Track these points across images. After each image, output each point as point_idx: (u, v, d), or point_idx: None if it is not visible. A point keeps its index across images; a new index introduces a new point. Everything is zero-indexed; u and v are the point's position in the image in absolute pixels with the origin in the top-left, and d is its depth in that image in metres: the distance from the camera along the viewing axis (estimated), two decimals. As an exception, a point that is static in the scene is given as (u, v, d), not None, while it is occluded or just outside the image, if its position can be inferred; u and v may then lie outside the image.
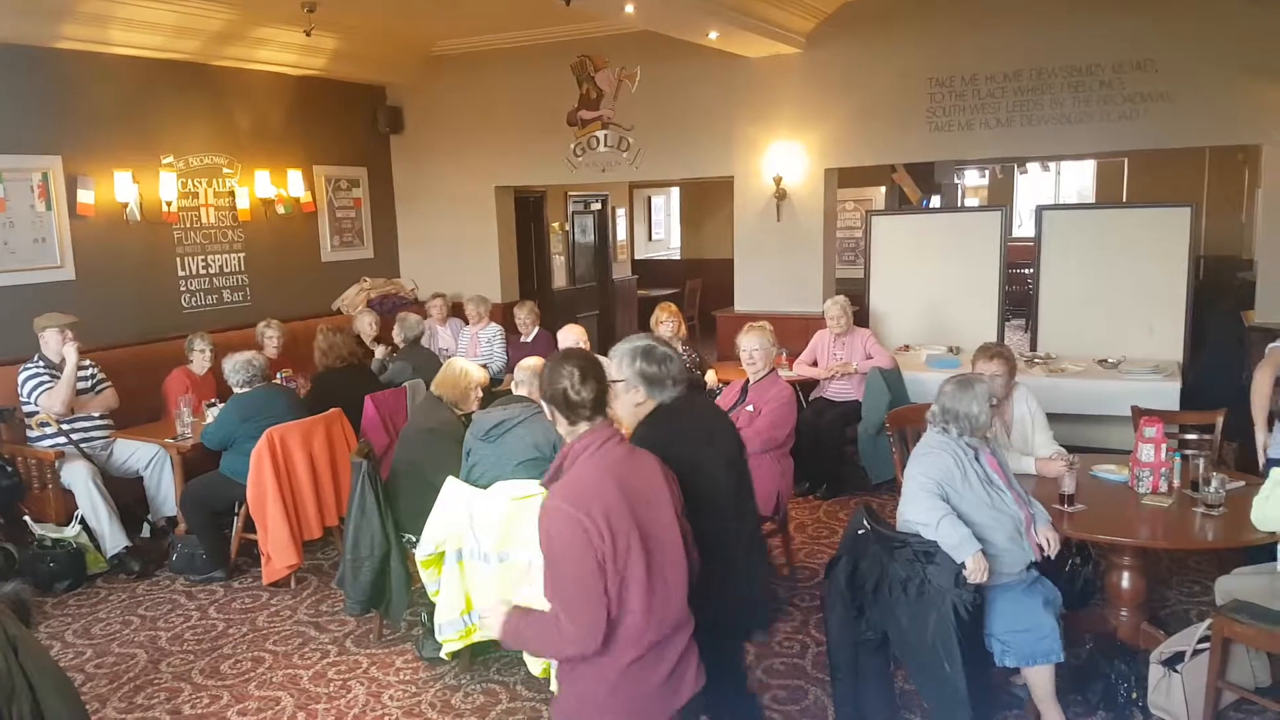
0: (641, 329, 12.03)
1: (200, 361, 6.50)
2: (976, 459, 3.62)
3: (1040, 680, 3.53)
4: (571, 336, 5.98)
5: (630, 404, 2.81)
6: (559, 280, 11.33)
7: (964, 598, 3.31)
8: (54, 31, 6.47)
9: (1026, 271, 11.26)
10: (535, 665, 3.95)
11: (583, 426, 2.47)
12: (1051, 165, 15.92)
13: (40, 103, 6.57)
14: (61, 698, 3.07)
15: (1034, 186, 16.64)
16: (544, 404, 2.54)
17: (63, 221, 6.72)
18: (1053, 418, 4.64)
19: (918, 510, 3.49)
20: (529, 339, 7.67)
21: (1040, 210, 7.64)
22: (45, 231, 6.63)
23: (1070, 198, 16.64)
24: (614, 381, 2.73)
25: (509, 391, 4.73)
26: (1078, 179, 16.76)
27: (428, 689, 4.20)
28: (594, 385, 2.47)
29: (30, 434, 5.78)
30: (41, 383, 5.69)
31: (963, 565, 3.32)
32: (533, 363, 4.57)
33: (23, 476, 5.70)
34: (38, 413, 5.70)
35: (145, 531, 6.08)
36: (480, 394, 5.00)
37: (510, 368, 6.00)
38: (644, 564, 2.35)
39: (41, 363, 5.76)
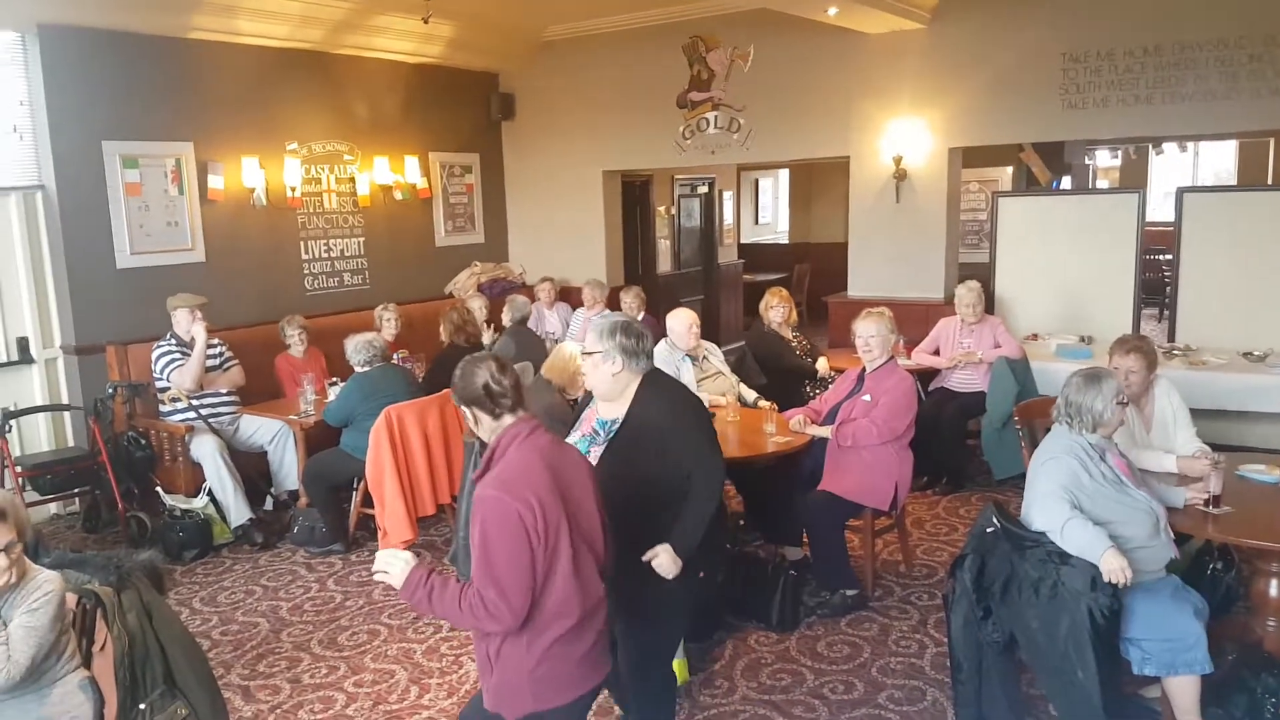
0: (748, 314, 11.97)
1: (296, 345, 6.67)
2: (1103, 458, 3.46)
3: (1183, 691, 3.31)
4: (685, 321, 5.87)
5: (607, 374, 3.03)
6: (664, 265, 11.27)
7: (1100, 602, 3.14)
8: (186, 22, 6.71)
9: (1161, 258, 10.73)
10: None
11: (507, 419, 2.53)
12: (1189, 145, 15.03)
13: (174, 92, 6.81)
14: (191, 663, 3.17)
15: (1169, 168, 15.77)
16: (464, 408, 2.59)
17: (194, 206, 6.97)
18: (1194, 414, 4.36)
19: (1043, 517, 3.35)
20: (634, 324, 7.62)
21: (1181, 192, 7.19)
22: (178, 215, 6.89)
23: (1207, 180, 15.73)
24: (591, 353, 3.02)
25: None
26: (1216, 160, 15.83)
27: (537, 670, 4.21)
28: (511, 375, 2.57)
29: (162, 409, 6.04)
30: (173, 360, 5.93)
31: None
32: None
33: (155, 449, 5.98)
34: (169, 388, 5.94)
35: (268, 504, 6.31)
36: (588, 378, 4.97)
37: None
38: (570, 547, 2.43)
39: (173, 341, 6.01)
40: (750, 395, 5.74)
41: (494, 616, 2.35)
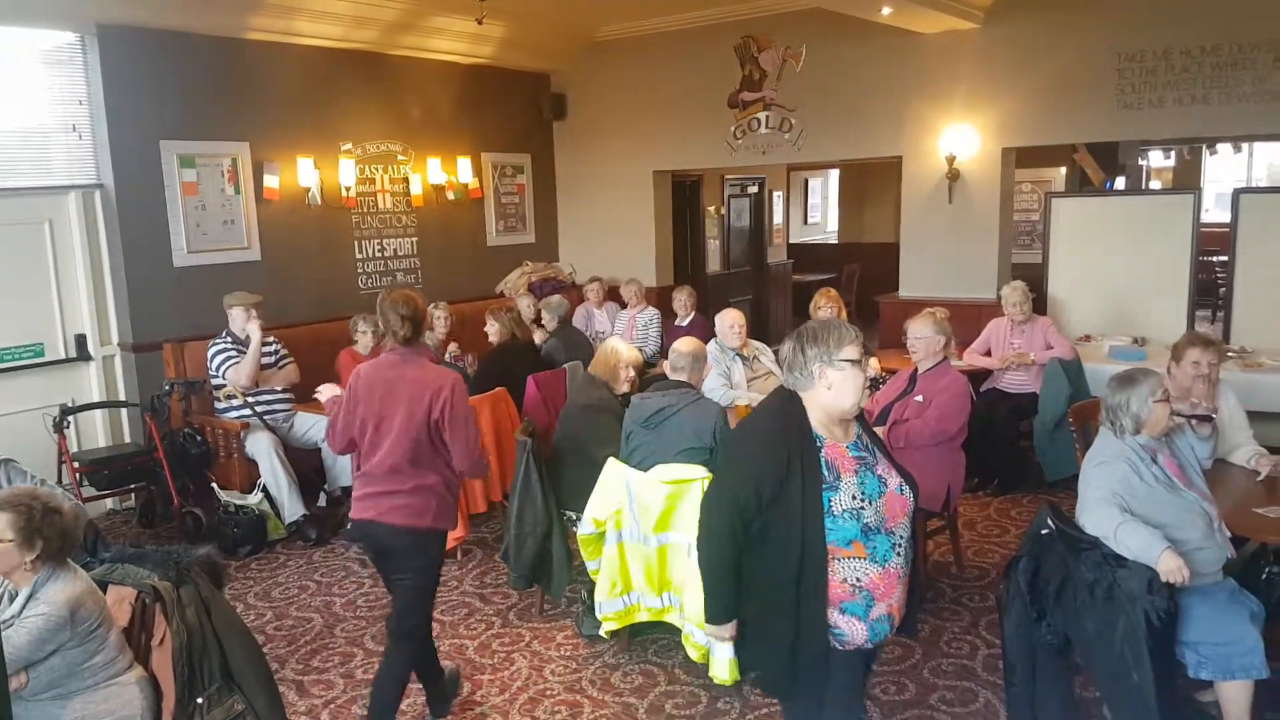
0: (796, 314, 11.90)
1: (364, 341, 6.70)
2: (1154, 461, 3.42)
3: (1236, 696, 3.26)
4: (729, 320, 5.88)
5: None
6: (713, 264, 11.26)
7: (1157, 605, 3.09)
8: (245, 23, 6.81)
9: (1214, 259, 10.51)
10: (693, 651, 3.92)
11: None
12: (1244, 145, 14.67)
13: (231, 92, 6.92)
14: (247, 657, 3.21)
15: (1223, 168, 15.44)
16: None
17: (250, 205, 7.07)
18: (1249, 416, 4.29)
19: (1093, 522, 3.32)
20: (684, 323, 7.65)
21: (1237, 193, 7.07)
22: (234, 214, 7.01)
23: (1262, 180, 15.39)
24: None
25: (663, 375, 4.71)
26: (1271, 159, 15.51)
27: (587, 666, 4.24)
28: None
29: (218, 405, 6.13)
30: (229, 357, 6.02)
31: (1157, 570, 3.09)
32: (688, 346, 4.52)
33: (211, 445, 6.05)
34: (225, 385, 6.04)
35: (322, 501, 6.39)
36: (632, 374, 5.00)
37: (665, 351, 5.98)
38: (373, 425, 3.50)
39: (229, 338, 6.10)
40: (799, 395, 5.70)
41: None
